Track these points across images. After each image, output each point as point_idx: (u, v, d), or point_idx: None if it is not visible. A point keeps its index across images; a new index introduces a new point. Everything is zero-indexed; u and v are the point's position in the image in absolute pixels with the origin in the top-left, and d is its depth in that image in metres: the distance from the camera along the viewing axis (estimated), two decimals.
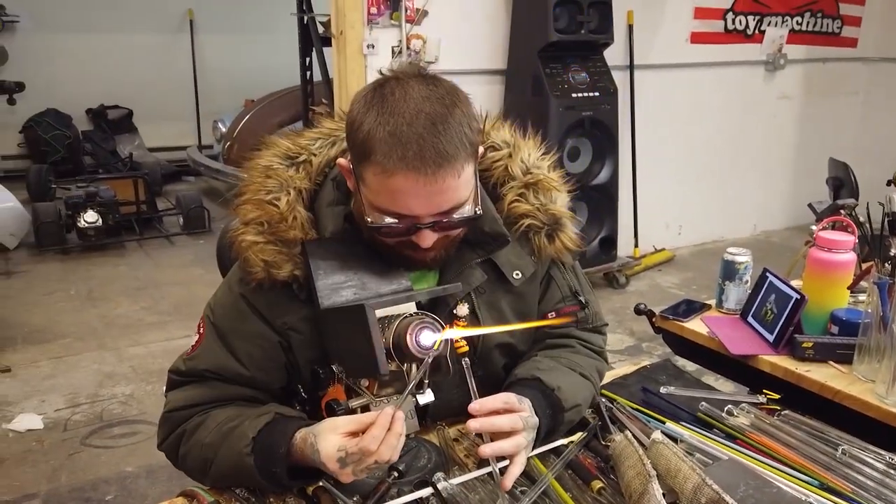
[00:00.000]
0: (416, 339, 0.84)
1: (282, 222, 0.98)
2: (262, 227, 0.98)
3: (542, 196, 1.10)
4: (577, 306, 1.17)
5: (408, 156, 0.87)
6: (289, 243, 0.98)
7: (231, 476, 0.96)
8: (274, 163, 1.02)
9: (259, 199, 0.99)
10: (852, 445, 1.05)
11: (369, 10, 3.19)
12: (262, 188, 1.00)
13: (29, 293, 3.73)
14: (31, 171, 5.41)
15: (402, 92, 0.90)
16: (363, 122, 0.90)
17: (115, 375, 2.87)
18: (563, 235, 1.11)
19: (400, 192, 0.89)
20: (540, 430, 0.99)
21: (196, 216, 4.77)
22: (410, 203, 0.90)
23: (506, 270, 1.08)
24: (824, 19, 4.64)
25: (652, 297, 3.65)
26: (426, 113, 0.88)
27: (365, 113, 0.90)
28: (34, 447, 2.37)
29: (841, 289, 1.39)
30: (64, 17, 6.15)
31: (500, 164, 1.10)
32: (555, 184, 1.11)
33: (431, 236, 0.93)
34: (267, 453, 0.91)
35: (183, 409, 1.02)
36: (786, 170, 4.89)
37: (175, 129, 6.67)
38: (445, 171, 0.88)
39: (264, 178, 1.01)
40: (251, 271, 0.98)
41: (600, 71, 3.53)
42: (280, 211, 0.98)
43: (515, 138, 1.12)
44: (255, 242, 0.98)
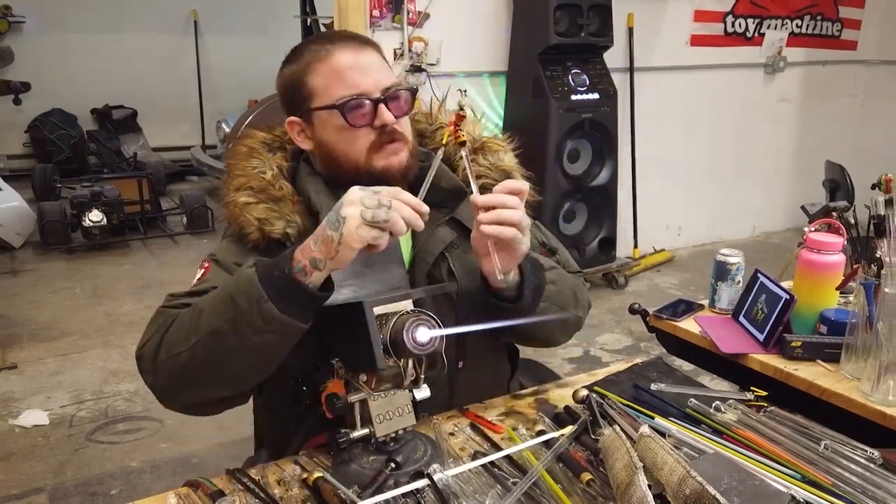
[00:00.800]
0: (413, 336, 0.88)
1: (270, 186, 1.09)
2: (253, 189, 1.08)
3: (491, 157, 1.21)
4: (546, 253, 1.26)
5: (334, 38, 1.10)
6: (279, 201, 1.08)
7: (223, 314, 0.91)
8: (256, 146, 1.15)
9: (247, 173, 1.10)
10: (835, 441, 1.08)
11: (371, 13, 3.23)
12: (248, 165, 1.12)
13: (35, 291, 3.78)
14: (36, 170, 5.46)
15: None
16: (291, 62, 1.12)
17: (119, 372, 2.91)
18: None
19: (343, 70, 1.06)
20: (525, 277, 1.06)
21: (199, 216, 4.81)
22: (356, 77, 1.06)
23: (470, 226, 1.10)
24: (824, 22, 4.66)
25: (651, 298, 3.68)
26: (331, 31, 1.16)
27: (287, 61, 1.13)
28: (40, 442, 2.41)
29: (830, 289, 1.42)
30: (69, 18, 6.20)
31: (449, 139, 1.16)
32: (500, 144, 1.23)
33: (389, 114, 1.07)
34: (270, 264, 0.91)
35: (182, 307, 1.00)
36: (785, 172, 4.92)
37: (179, 129, 6.72)
38: (370, 48, 1.10)
39: (248, 159, 1.12)
40: (247, 233, 1.06)
41: (600, 73, 3.56)
42: (268, 180, 1.10)
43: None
44: (247, 203, 1.07)
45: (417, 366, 0.94)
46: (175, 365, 0.96)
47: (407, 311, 0.92)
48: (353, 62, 1.06)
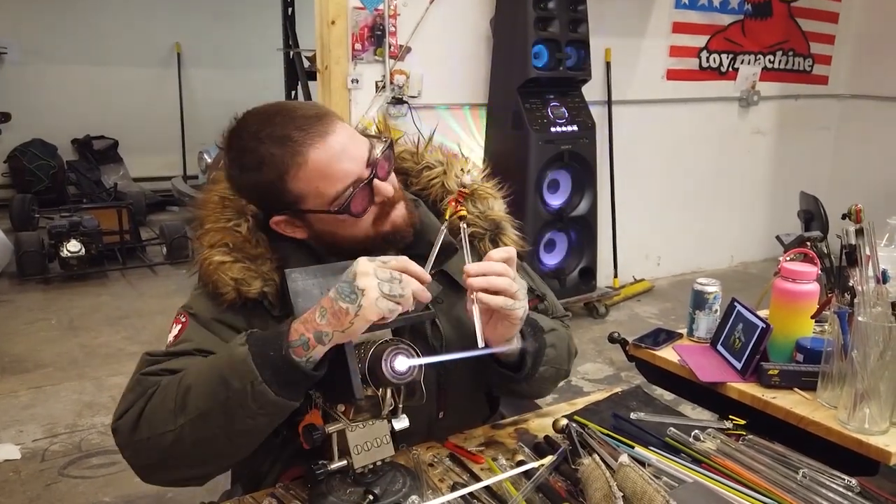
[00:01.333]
0: (391, 365, 0.88)
1: (246, 243, 1.03)
2: (228, 247, 1.02)
3: (480, 204, 1.18)
4: (535, 300, 1.24)
5: (294, 138, 0.96)
6: (256, 260, 1.02)
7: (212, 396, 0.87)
8: (227, 194, 1.08)
9: (220, 226, 1.04)
10: (812, 469, 1.09)
11: (354, 46, 3.27)
12: (221, 217, 1.05)
13: (10, 323, 3.71)
14: (14, 200, 5.41)
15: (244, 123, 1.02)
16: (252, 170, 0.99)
17: (94, 405, 2.85)
18: (505, 238, 1.18)
19: (325, 167, 0.97)
20: (526, 342, 1.07)
21: (179, 246, 4.78)
22: (342, 167, 0.98)
23: (458, 279, 1.11)
24: (796, 58, 4.80)
25: (631, 327, 3.70)
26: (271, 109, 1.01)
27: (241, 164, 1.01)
28: (11, 477, 2.35)
29: (805, 318, 1.43)
30: (52, 49, 6.21)
31: (437, 181, 1.19)
32: (490, 192, 1.20)
33: (388, 187, 1.01)
34: (263, 339, 0.88)
35: (163, 373, 0.96)
36: (762, 202, 5.01)
37: (160, 160, 6.71)
38: (333, 126, 0.98)
39: (222, 209, 1.06)
40: (222, 293, 1.01)
41: (579, 106, 3.63)
42: (243, 235, 1.03)
43: (447, 157, 1.21)
44: (222, 262, 1.01)
45: (396, 395, 0.94)
46: (158, 445, 0.91)
47: (385, 339, 0.92)
48: (331, 154, 0.97)
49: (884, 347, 1.19)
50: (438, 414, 1.17)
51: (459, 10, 3.52)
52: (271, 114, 0.99)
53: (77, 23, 6.26)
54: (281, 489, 1.01)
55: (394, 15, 3.33)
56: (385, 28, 3.31)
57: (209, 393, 0.88)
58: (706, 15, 4.32)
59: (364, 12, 3.27)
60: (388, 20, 3.31)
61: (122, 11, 6.40)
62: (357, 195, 0.98)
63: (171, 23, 6.59)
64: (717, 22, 4.37)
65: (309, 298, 0.97)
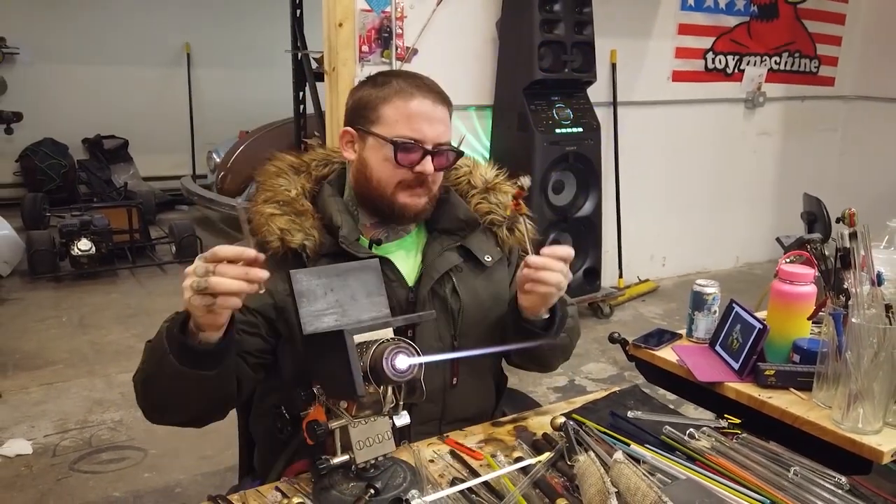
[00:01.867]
0: (392, 363, 0.91)
1: (294, 202, 1.20)
2: (279, 203, 1.19)
3: (501, 196, 1.35)
4: None
5: (421, 86, 1.20)
6: (301, 215, 1.18)
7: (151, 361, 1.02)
8: (283, 168, 1.26)
9: (274, 190, 1.22)
10: (804, 467, 1.11)
11: (361, 48, 3.30)
12: (276, 184, 1.23)
13: (21, 320, 3.77)
14: (26, 199, 5.47)
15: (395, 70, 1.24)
16: (377, 83, 1.21)
17: (104, 401, 2.90)
18: (520, 226, 1.31)
19: (416, 115, 1.17)
20: (556, 310, 1.24)
21: (188, 245, 4.82)
22: (423, 125, 1.17)
23: (479, 255, 1.30)
24: (802, 59, 4.80)
25: (635, 327, 3.72)
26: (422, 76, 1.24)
27: (373, 80, 1.22)
28: (23, 472, 2.39)
29: (802, 319, 1.45)
30: (63, 50, 6.27)
31: (464, 178, 1.36)
32: (509, 189, 1.36)
33: (431, 165, 1.18)
34: (176, 320, 0.99)
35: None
36: (767, 204, 5.00)
37: (170, 160, 6.76)
38: (443, 105, 1.21)
39: (277, 178, 1.24)
40: (268, 241, 1.15)
41: (584, 108, 3.64)
42: (293, 196, 1.21)
43: (473, 160, 1.41)
44: (272, 214, 1.17)
45: (397, 392, 0.97)
46: (140, 394, 1.09)
47: (387, 338, 0.95)
48: (427, 113, 1.18)
49: (878, 349, 1.21)
50: (452, 380, 1.26)
51: (466, 13, 3.54)
52: (417, 75, 1.24)
53: (87, 24, 6.33)
54: (286, 483, 1.04)
55: (401, 17, 3.36)
56: (392, 30, 3.34)
57: (149, 359, 1.04)
58: (712, 16, 4.32)
59: (371, 14, 3.30)
60: (394, 22, 3.34)
61: (131, 12, 6.46)
62: (411, 148, 1.17)
63: (180, 23, 6.64)
64: (722, 23, 4.37)
65: (313, 299, 1.00)
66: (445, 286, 1.25)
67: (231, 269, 0.90)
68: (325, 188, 1.25)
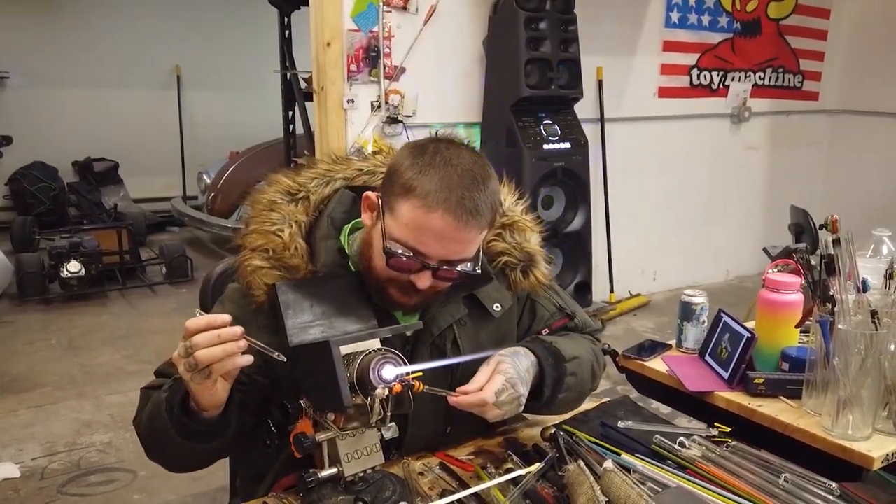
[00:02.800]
0: (379, 374, 0.91)
1: (285, 251, 1.08)
2: (268, 253, 1.08)
3: (518, 235, 1.22)
4: (565, 318, 1.29)
5: (451, 199, 0.99)
6: (291, 270, 1.07)
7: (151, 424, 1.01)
8: (277, 198, 1.13)
9: (265, 229, 1.09)
10: (795, 474, 1.11)
11: (349, 67, 3.33)
12: (266, 220, 1.10)
13: (10, 343, 3.73)
14: (15, 222, 5.45)
15: (454, 150, 1.04)
16: (415, 164, 1.02)
17: (93, 424, 2.87)
18: (536, 271, 1.23)
19: (429, 230, 1.00)
20: (545, 376, 1.13)
21: (179, 265, 4.80)
22: (433, 244, 1.01)
23: (487, 304, 1.19)
24: (786, 74, 4.87)
25: (627, 341, 3.68)
26: (472, 172, 1.02)
27: (417, 157, 1.03)
28: (10, 496, 2.36)
29: (790, 327, 1.46)
30: (53, 73, 6.28)
31: None
32: (528, 225, 1.24)
33: (428, 280, 1.04)
34: (175, 391, 0.98)
35: (159, 387, 1.05)
36: (756, 217, 5.04)
37: (160, 181, 6.75)
38: (472, 226, 1.01)
39: (269, 212, 1.11)
40: (254, 294, 1.07)
41: (571, 124, 3.67)
42: (283, 241, 1.08)
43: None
44: (259, 267, 1.07)
45: (384, 404, 0.96)
46: (141, 442, 1.08)
47: (373, 349, 0.94)
48: (443, 233, 1.00)
49: (865, 355, 1.21)
50: (447, 429, 1.21)
51: (453, 31, 3.58)
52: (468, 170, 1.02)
53: (77, 47, 6.34)
54: (273, 498, 1.04)
55: (388, 37, 3.39)
56: (380, 49, 3.37)
57: (149, 424, 1.02)
58: (696, 34, 4.39)
59: (359, 34, 3.33)
60: (382, 42, 3.37)
61: (121, 35, 6.48)
62: (407, 261, 1.02)
63: (170, 46, 6.67)
64: (706, 40, 4.44)
65: (299, 311, 1.00)
66: (446, 339, 1.16)
67: (206, 338, 0.89)
68: (321, 228, 1.12)
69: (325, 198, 1.16)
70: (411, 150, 1.05)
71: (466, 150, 1.06)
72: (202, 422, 0.97)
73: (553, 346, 1.16)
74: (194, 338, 0.89)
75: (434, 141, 1.06)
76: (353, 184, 1.19)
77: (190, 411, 0.97)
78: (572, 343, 1.23)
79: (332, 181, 1.18)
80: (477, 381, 1.05)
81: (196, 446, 0.99)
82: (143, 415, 1.05)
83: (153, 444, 1.05)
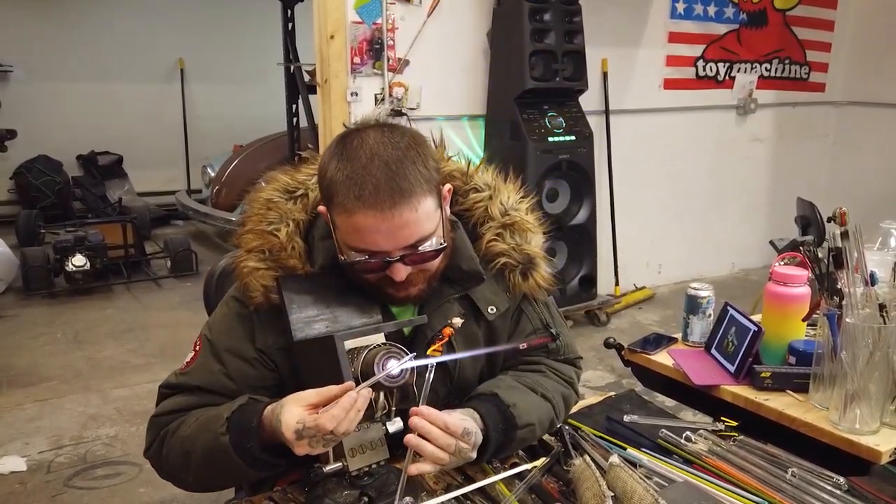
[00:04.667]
0: (383, 368, 0.90)
1: (282, 251, 1.05)
2: (264, 254, 1.06)
3: (518, 236, 1.17)
4: (548, 337, 1.23)
5: (364, 195, 0.95)
6: (288, 270, 1.06)
7: (210, 465, 1.01)
8: (274, 196, 1.10)
9: (261, 229, 1.07)
10: (801, 468, 1.11)
11: (353, 60, 3.31)
12: (263, 219, 1.08)
13: (15, 337, 3.74)
14: (20, 216, 5.45)
15: (359, 141, 0.99)
16: (327, 170, 1.00)
17: (99, 417, 2.88)
18: (536, 274, 1.18)
19: (363, 230, 0.97)
20: (489, 444, 1.05)
21: (183, 259, 4.81)
22: (376, 239, 0.97)
23: (481, 306, 1.15)
24: (792, 66, 4.83)
25: (632, 335, 3.70)
26: (380, 156, 0.97)
27: (328, 161, 1.00)
28: (17, 489, 2.37)
29: (797, 321, 1.45)
30: (56, 67, 6.28)
31: (481, 204, 1.17)
32: (530, 225, 1.19)
33: (404, 269, 1.00)
34: (240, 429, 0.97)
35: (170, 413, 1.09)
36: (762, 209, 5.02)
37: (165, 174, 6.76)
38: (402, 207, 0.96)
39: (266, 211, 1.09)
40: (251, 295, 1.06)
41: (576, 116, 3.65)
42: (280, 241, 1.06)
43: (497, 181, 1.20)
44: (256, 269, 1.05)
45: (389, 398, 0.96)
46: (181, 483, 1.11)
47: (378, 344, 0.94)
48: (374, 227, 0.97)
49: (873, 348, 1.20)
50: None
51: (457, 24, 3.56)
52: (373, 156, 0.97)
53: (80, 40, 6.34)
54: (279, 493, 1.03)
55: (392, 29, 3.37)
56: (383, 42, 3.36)
57: (205, 464, 1.02)
58: (701, 24, 4.35)
59: (362, 26, 3.32)
60: (386, 34, 3.36)
61: (125, 28, 6.48)
62: (366, 263, 1.00)
63: (173, 39, 6.66)
64: (712, 31, 4.40)
65: (303, 305, 0.99)
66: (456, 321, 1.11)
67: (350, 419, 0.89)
68: (319, 227, 1.09)
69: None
70: (327, 151, 1.03)
71: (374, 132, 1.00)
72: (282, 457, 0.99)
73: (509, 412, 1.08)
74: (340, 426, 0.89)
75: (343, 136, 1.03)
76: None
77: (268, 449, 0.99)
78: (535, 402, 1.15)
79: None
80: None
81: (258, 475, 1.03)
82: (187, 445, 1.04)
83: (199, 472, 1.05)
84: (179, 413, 1.08)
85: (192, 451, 1.02)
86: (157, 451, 1.09)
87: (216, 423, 0.99)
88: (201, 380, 1.08)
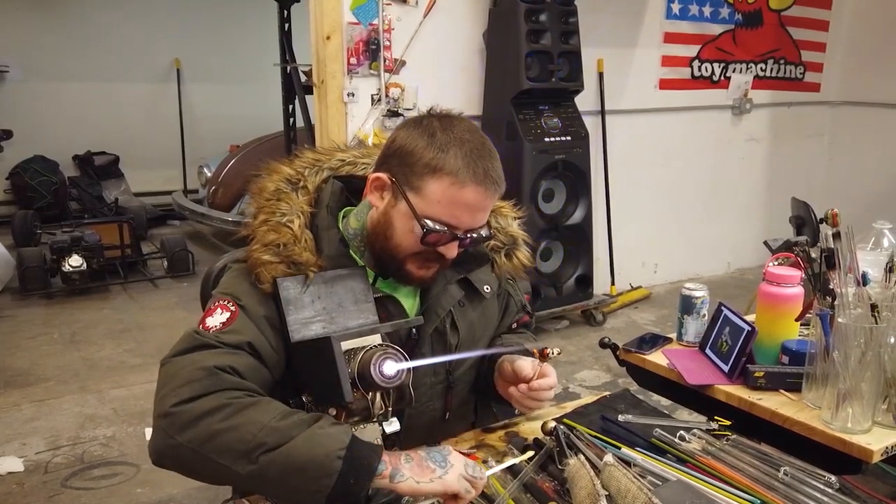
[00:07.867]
0: (379, 369, 0.91)
1: (296, 244, 1.08)
2: (278, 248, 1.08)
3: (501, 220, 1.29)
4: (527, 316, 1.40)
5: (479, 173, 1.06)
6: (299, 266, 1.07)
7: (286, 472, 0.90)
8: (281, 187, 1.14)
9: (276, 221, 1.09)
10: (794, 467, 1.12)
11: (349, 61, 3.32)
12: (276, 210, 1.11)
13: (12, 337, 3.74)
14: (16, 216, 5.45)
15: (459, 125, 1.10)
16: (433, 144, 1.07)
17: (96, 417, 2.88)
18: (519, 254, 1.29)
19: (463, 204, 1.06)
20: None
21: (180, 259, 4.81)
22: (465, 216, 1.08)
23: (478, 286, 1.25)
24: (787, 65, 4.85)
25: (628, 334, 3.70)
26: (484, 143, 1.10)
27: (430, 136, 1.08)
28: (14, 490, 2.37)
29: (790, 321, 1.46)
30: (53, 67, 6.27)
31: None
32: (509, 211, 1.32)
33: (455, 250, 1.11)
34: (358, 463, 0.90)
35: (232, 373, 0.97)
36: (758, 209, 5.04)
37: (161, 175, 6.76)
38: (495, 193, 1.10)
39: (276, 201, 1.12)
40: (261, 282, 1.07)
41: (572, 116, 3.67)
42: (294, 233, 1.09)
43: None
44: (269, 262, 1.07)
45: (386, 398, 0.97)
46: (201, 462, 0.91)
47: (374, 345, 0.95)
48: (474, 204, 1.07)
49: (864, 348, 1.21)
50: (445, 415, 1.24)
51: (453, 24, 3.57)
52: (480, 143, 1.09)
53: (77, 40, 6.34)
54: None
55: (388, 29, 3.38)
56: (380, 42, 3.36)
57: (283, 471, 0.90)
58: (697, 25, 4.37)
59: (359, 27, 3.32)
60: (382, 35, 3.37)
61: (121, 28, 6.48)
62: (441, 235, 1.08)
63: (170, 39, 6.67)
64: (707, 31, 4.42)
65: (300, 307, 1.00)
66: (446, 321, 1.21)
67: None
68: (323, 218, 1.14)
69: (317, 187, 1.18)
70: (421, 131, 1.09)
71: (468, 122, 1.12)
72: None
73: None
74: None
75: (436, 118, 1.11)
76: (338, 174, 1.21)
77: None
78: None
79: (321, 170, 1.20)
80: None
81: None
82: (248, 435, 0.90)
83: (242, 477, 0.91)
84: (242, 380, 0.98)
85: (277, 451, 0.89)
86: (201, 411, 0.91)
87: (332, 442, 0.90)
88: (251, 336, 1.02)
